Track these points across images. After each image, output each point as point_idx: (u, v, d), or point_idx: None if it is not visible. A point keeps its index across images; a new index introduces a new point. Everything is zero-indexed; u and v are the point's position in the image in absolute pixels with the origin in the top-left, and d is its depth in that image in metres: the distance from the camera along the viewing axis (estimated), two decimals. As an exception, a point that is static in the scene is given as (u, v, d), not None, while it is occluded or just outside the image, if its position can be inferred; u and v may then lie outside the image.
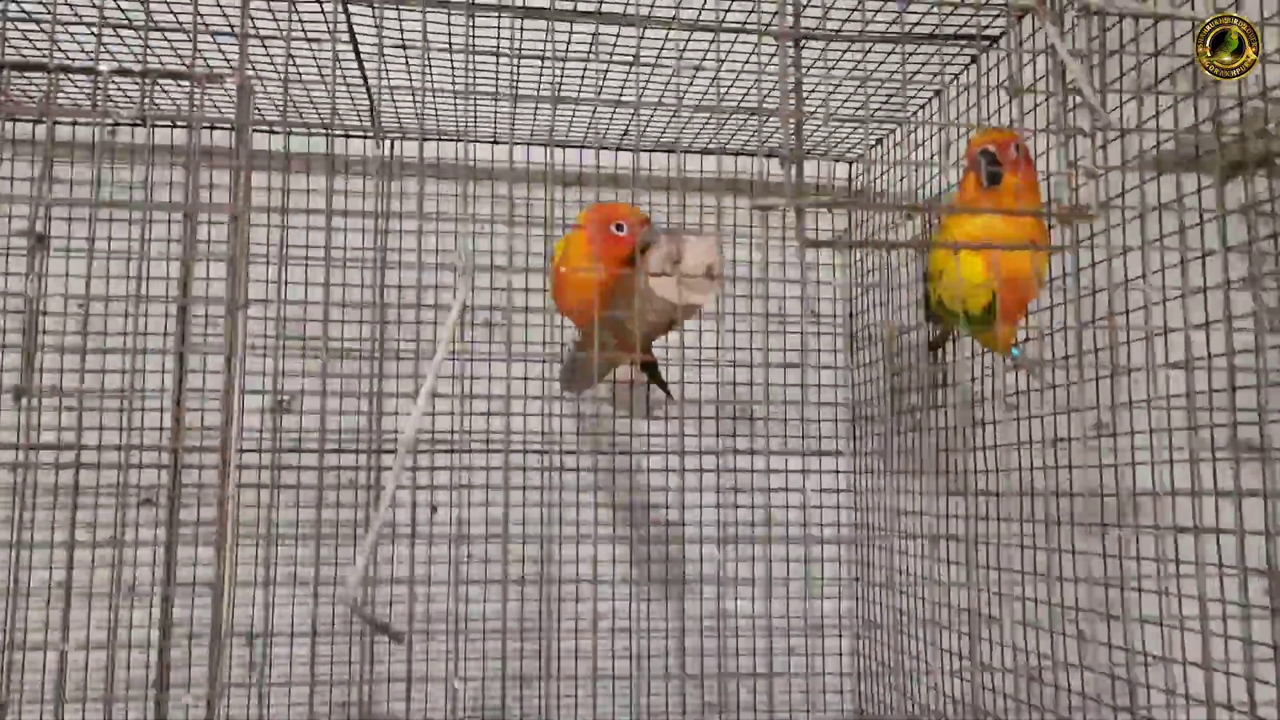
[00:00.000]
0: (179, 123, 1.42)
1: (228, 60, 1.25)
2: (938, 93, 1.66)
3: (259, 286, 1.49)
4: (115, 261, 1.12)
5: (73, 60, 1.28)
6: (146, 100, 0.79)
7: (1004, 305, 1.22)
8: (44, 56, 1.46)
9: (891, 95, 1.65)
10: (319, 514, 1.47)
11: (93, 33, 1.25)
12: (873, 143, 1.88)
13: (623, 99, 1.58)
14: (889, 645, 1.62)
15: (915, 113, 1.73)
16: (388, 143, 1.70)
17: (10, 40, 1.54)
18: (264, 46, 1.27)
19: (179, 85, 1.35)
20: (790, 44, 0.86)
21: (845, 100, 1.66)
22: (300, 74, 1.31)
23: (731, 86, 1.61)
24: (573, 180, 1.85)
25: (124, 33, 0.93)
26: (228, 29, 1.17)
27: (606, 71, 1.48)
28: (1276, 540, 0.83)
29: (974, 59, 1.51)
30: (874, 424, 1.88)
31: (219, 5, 1.16)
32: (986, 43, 1.46)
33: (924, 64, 1.52)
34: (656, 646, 1.74)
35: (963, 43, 1.45)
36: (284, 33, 0.82)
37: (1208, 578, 0.86)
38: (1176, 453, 1.04)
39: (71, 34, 1.08)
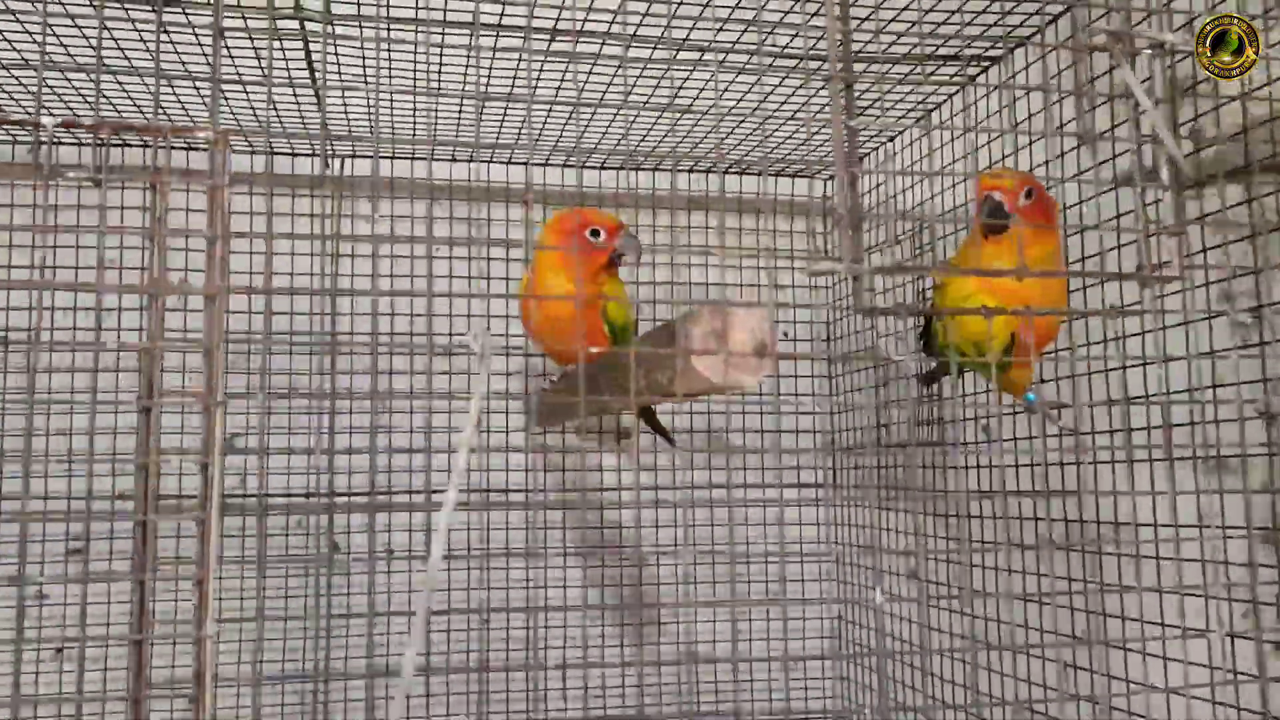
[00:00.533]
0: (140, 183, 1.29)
1: (188, 111, 1.12)
2: (928, 112, 1.59)
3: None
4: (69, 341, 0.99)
5: (10, 109, 1.14)
6: (100, 156, 0.67)
7: (1022, 350, 1.15)
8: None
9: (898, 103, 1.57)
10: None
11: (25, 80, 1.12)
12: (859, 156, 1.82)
13: (670, 156, 1.49)
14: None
15: (908, 129, 1.67)
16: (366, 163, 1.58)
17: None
18: (224, 97, 1.14)
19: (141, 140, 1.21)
20: (843, 87, 0.76)
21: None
22: (276, 121, 1.19)
23: (779, 124, 1.52)
24: (608, 200, 1.75)
25: (74, 77, 0.80)
26: (183, 72, 1.04)
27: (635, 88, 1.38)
28: None
29: (973, 79, 1.44)
30: (856, 456, 1.81)
31: (172, 47, 1.04)
32: (987, 63, 1.40)
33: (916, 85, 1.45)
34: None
35: (962, 62, 1.38)
36: (263, 73, 0.70)
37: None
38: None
39: (17, 77, 0.94)
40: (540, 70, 1.25)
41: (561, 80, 1.35)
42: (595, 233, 1.30)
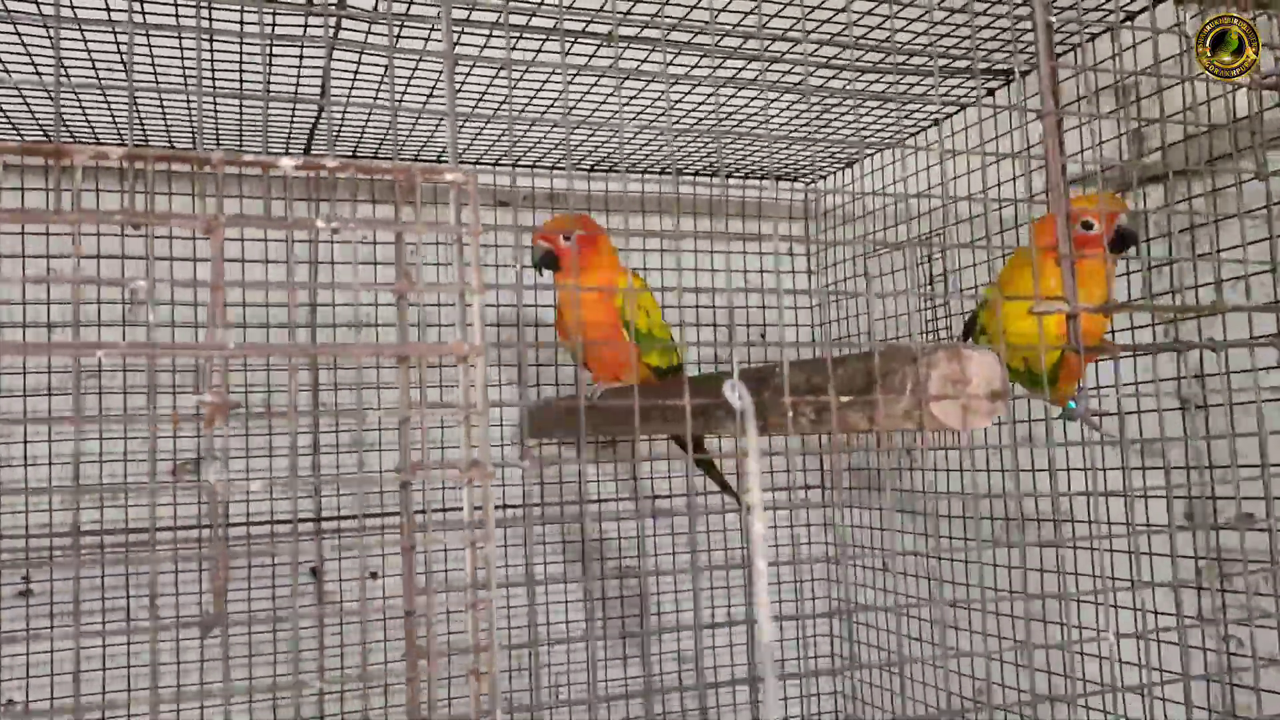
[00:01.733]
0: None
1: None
2: (936, 121, 1.62)
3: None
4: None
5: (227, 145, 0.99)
6: (338, 200, 0.57)
7: (1072, 365, 1.17)
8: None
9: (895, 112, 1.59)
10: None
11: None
12: (840, 166, 1.83)
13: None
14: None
15: (909, 139, 1.69)
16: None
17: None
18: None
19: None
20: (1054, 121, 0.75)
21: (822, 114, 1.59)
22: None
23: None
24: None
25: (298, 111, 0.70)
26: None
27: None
28: None
29: (994, 90, 1.47)
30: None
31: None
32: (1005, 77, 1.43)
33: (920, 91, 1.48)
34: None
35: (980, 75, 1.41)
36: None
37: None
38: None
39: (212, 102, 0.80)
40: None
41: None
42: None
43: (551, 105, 1.44)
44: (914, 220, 1.71)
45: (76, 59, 1.14)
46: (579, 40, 1.17)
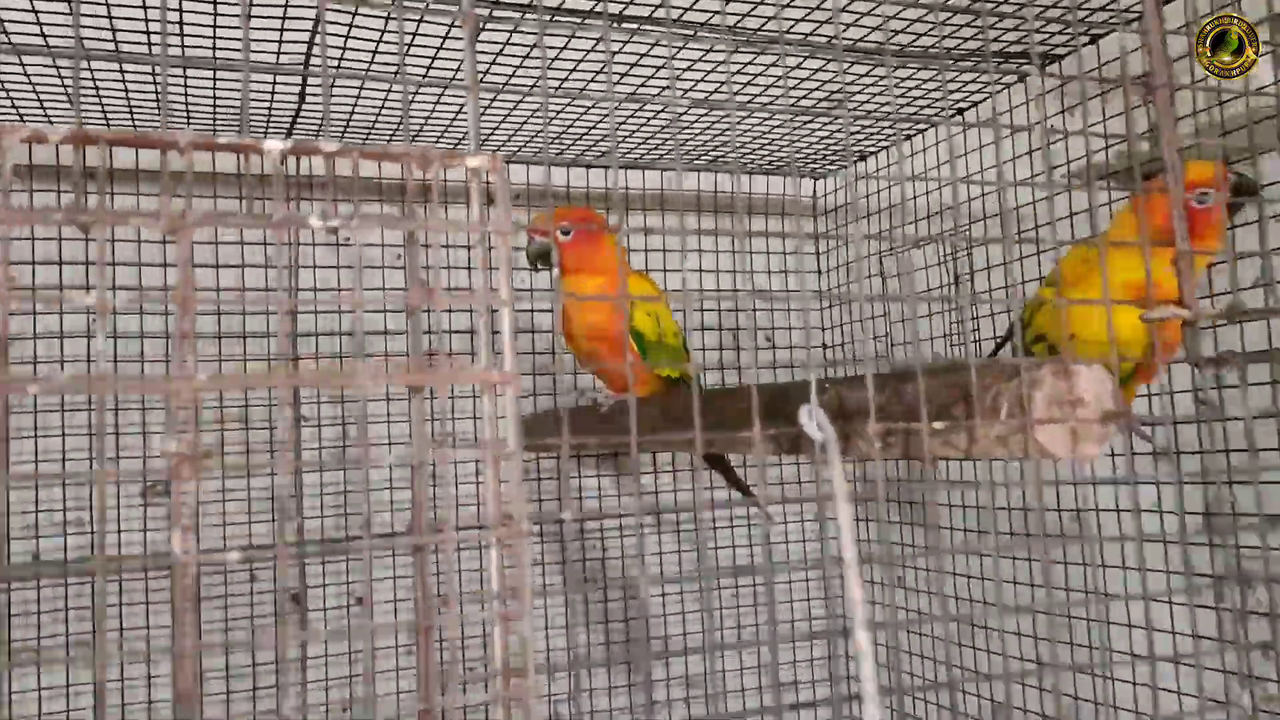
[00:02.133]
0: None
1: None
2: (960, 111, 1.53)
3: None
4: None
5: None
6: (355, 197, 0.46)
7: (1151, 370, 1.08)
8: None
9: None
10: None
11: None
12: (854, 159, 1.74)
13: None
14: None
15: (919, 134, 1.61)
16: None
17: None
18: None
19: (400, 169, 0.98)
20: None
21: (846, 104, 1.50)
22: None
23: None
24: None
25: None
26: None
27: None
28: None
29: (1022, 78, 1.38)
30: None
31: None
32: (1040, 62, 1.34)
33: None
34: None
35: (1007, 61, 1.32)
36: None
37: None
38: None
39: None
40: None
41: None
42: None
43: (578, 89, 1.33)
44: (932, 215, 1.62)
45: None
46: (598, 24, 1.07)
